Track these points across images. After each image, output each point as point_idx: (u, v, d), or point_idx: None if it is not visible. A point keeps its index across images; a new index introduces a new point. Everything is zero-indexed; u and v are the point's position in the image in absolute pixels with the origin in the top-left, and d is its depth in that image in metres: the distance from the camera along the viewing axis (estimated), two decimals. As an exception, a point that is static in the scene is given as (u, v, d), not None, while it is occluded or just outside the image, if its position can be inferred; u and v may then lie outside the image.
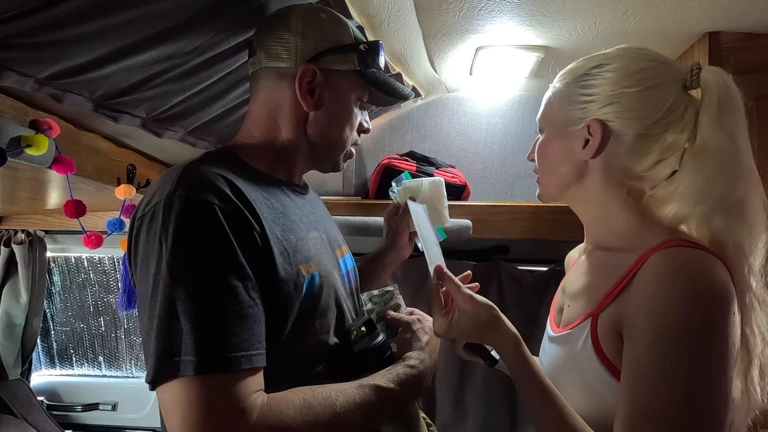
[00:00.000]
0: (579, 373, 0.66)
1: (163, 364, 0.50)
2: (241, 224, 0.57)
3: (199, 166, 0.59)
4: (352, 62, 0.72)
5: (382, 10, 0.94)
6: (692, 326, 0.54)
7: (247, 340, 0.53)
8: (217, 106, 0.98)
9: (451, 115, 1.54)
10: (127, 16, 0.62)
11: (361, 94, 0.76)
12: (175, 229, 0.53)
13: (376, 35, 1.03)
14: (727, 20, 0.99)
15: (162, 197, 0.55)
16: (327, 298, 0.68)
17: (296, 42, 0.70)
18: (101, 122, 0.92)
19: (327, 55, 0.70)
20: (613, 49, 0.69)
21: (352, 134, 0.77)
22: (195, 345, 0.50)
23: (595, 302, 0.67)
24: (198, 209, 0.54)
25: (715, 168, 0.63)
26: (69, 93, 0.76)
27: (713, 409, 0.53)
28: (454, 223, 1.24)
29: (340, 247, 0.82)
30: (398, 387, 0.64)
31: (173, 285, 0.52)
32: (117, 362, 1.84)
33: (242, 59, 0.84)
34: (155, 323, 0.52)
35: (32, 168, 0.82)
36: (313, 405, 0.56)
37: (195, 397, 0.49)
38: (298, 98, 0.70)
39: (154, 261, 0.54)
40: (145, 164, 1.21)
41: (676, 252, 0.60)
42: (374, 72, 0.75)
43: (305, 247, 0.67)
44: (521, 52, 1.18)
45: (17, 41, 0.60)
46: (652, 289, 0.58)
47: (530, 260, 1.52)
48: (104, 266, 1.82)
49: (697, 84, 0.65)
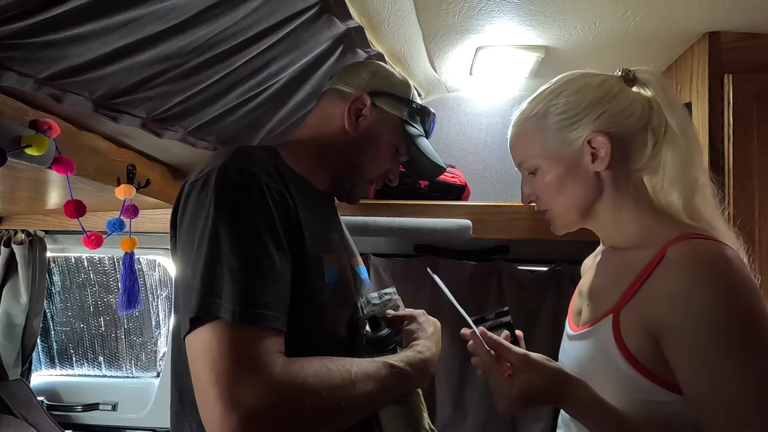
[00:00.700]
0: (602, 368, 0.67)
1: (207, 302, 0.54)
2: (283, 202, 0.64)
3: (251, 149, 0.68)
4: (402, 112, 0.83)
5: (382, 10, 0.94)
6: (740, 316, 0.56)
7: (278, 302, 0.58)
8: (217, 106, 0.98)
9: (451, 115, 1.54)
10: (127, 16, 0.62)
11: (399, 145, 0.84)
12: (227, 193, 0.60)
13: (376, 35, 1.03)
14: (727, 20, 0.99)
15: (215, 166, 0.62)
16: (343, 292, 0.74)
17: (365, 77, 0.83)
18: (101, 122, 0.92)
19: (384, 96, 0.82)
20: (558, 79, 0.75)
21: (375, 171, 0.84)
22: (235, 294, 0.55)
23: (615, 299, 0.68)
24: (249, 180, 0.61)
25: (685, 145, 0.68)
26: (69, 93, 0.76)
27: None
28: (454, 223, 1.24)
29: (356, 256, 0.87)
30: (407, 367, 0.68)
31: (222, 238, 0.57)
32: (117, 362, 1.84)
33: (242, 59, 0.84)
34: (200, 268, 0.56)
35: (32, 168, 0.82)
36: (330, 368, 0.59)
37: (227, 344, 0.53)
38: (345, 116, 0.79)
39: (203, 218, 0.59)
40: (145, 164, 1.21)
41: (695, 244, 0.62)
42: (417, 131, 0.84)
43: (329, 240, 0.74)
44: (521, 52, 1.18)
45: (17, 41, 0.60)
46: (682, 287, 0.59)
47: (530, 260, 1.52)
48: (104, 266, 1.82)
49: (634, 81, 0.72)
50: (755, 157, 0.99)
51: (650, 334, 0.62)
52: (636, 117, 0.69)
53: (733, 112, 0.99)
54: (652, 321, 0.62)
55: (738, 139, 0.99)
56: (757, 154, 0.99)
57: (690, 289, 0.59)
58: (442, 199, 1.33)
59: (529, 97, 0.77)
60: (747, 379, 0.54)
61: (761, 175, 0.99)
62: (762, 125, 0.99)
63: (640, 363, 0.62)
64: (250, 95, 0.99)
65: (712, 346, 0.56)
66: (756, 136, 0.99)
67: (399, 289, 0.90)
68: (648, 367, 0.62)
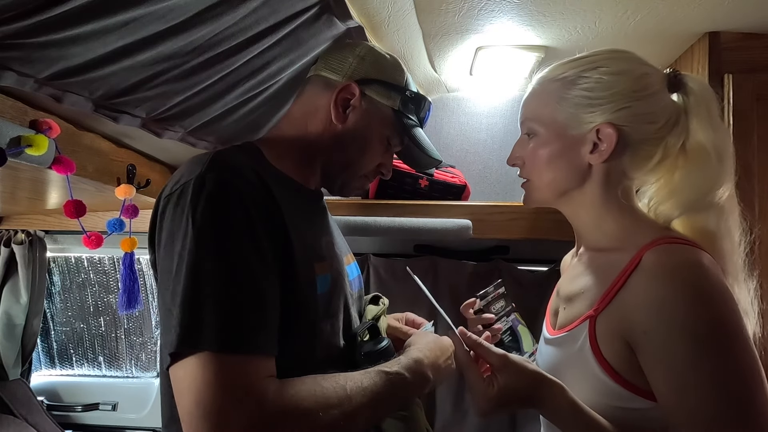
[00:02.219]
0: (577, 374, 0.66)
1: (186, 335, 0.51)
2: (266, 212, 0.59)
3: (229, 155, 0.63)
4: (394, 101, 0.76)
5: (382, 10, 0.94)
6: (711, 325, 0.55)
7: (264, 326, 0.55)
8: (217, 106, 0.98)
9: (451, 115, 1.54)
10: (127, 16, 0.62)
11: (391, 136, 0.78)
12: (205, 208, 0.55)
13: (376, 35, 1.03)
14: (727, 20, 0.99)
15: (191, 177, 0.57)
16: (338, 300, 0.69)
17: (353, 62, 0.75)
18: (101, 122, 0.92)
19: (374, 84, 0.74)
20: (604, 51, 0.69)
21: (367, 165, 0.78)
22: (217, 322, 0.51)
23: (591, 304, 0.66)
24: (227, 191, 0.56)
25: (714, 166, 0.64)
26: (69, 93, 0.76)
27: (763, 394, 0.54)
28: (454, 224, 1.24)
29: (346, 255, 0.83)
30: (403, 371, 0.64)
31: (200, 261, 0.53)
32: (117, 362, 1.84)
33: (242, 59, 0.84)
34: (179, 297, 0.52)
35: (32, 168, 0.82)
36: (324, 386, 0.56)
37: (213, 375, 0.49)
38: (331, 108, 0.73)
39: (180, 237, 0.55)
40: (145, 164, 1.21)
41: (671, 250, 0.60)
42: (411, 122, 0.78)
43: (320, 247, 0.69)
44: (521, 52, 1.18)
45: (17, 41, 0.60)
46: (656, 294, 0.58)
47: (530, 260, 1.51)
48: (104, 266, 1.82)
49: (679, 87, 0.67)
50: (755, 157, 0.99)
51: (625, 341, 0.61)
52: (657, 126, 0.65)
53: (733, 112, 0.99)
54: (626, 328, 0.61)
55: (738, 139, 0.99)
56: (757, 154, 0.99)
57: (663, 297, 0.58)
58: (442, 199, 1.33)
59: (564, 59, 0.71)
60: (716, 387, 0.54)
61: (761, 175, 0.99)
62: (762, 125, 0.99)
63: (615, 370, 0.61)
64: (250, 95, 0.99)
65: (683, 354, 0.56)
66: (756, 136, 0.99)
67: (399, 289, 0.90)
68: (623, 374, 0.61)
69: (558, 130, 0.69)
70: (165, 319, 0.55)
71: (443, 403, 1.48)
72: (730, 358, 0.55)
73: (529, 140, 0.72)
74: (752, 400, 0.53)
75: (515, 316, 0.90)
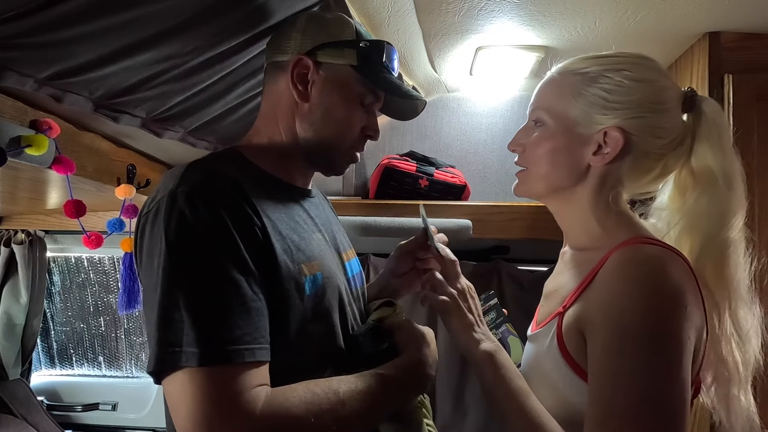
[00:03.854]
0: (545, 370, 0.66)
1: (165, 354, 0.51)
2: (242, 219, 0.58)
3: (202, 165, 0.61)
4: (350, 57, 0.70)
5: (382, 10, 0.94)
6: (644, 322, 0.55)
7: (250, 333, 0.54)
8: (217, 106, 0.98)
9: (451, 115, 1.54)
10: (127, 16, 0.62)
11: (363, 94, 0.72)
12: (177, 223, 0.54)
13: (376, 35, 1.03)
14: (727, 20, 0.99)
15: (165, 193, 0.57)
16: (330, 299, 0.67)
17: (297, 36, 0.70)
18: (101, 122, 0.92)
19: (324, 48, 0.69)
20: (630, 55, 0.68)
21: (350, 134, 0.73)
22: (197, 337, 0.51)
23: (562, 301, 0.67)
24: (199, 204, 0.55)
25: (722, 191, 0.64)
26: (69, 93, 0.76)
27: (673, 401, 0.53)
28: (454, 223, 1.24)
29: (346, 251, 0.81)
30: (399, 373, 0.64)
31: (175, 277, 0.53)
32: (117, 362, 1.84)
33: (242, 59, 0.84)
34: (156, 314, 0.52)
35: (32, 168, 0.82)
36: (317, 393, 0.55)
37: (198, 389, 0.50)
38: (290, 88, 0.69)
39: (157, 254, 0.55)
40: (145, 164, 1.21)
41: (636, 249, 0.61)
42: (376, 71, 0.72)
43: (308, 246, 0.67)
44: (521, 52, 1.18)
45: (17, 41, 0.60)
46: (608, 287, 0.59)
47: (530, 260, 1.52)
48: (104, 266, 1.82)
49: (691, 108, 0.67)
50: (755, 157, 0.99)
51: (581, 333, 0.62)
52: (663, 142, 0.65)
53: (733, 112, 0.99)
54: (583, 322, 0.61)
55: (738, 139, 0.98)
56: (757, 154, 0.99)
57: (613, 290, 0.58)
58: (442, 199, 1.33)
59: (589, 54, 0.69)
60: (633, 385, 0.53)
61: (761, 175, 0.99)
62: (762, 125, 0.99)
63: (577, 364, 0.62)
64: (250, 95, 0.99)
65: (611, 345, 0.56)
66: (756, 136, 0.99)
67: None
68: (583, 368, 0.61)
69: (567, 124, 0.68)
70: (150, 337, 0.55)
71: (443, 403, 1.48)
72: (652, 361, 0.54)
73: (535, 128, 0.71)
74: (660, 404, 0.53)
75: (506, 327, 0.90)
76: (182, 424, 0.50)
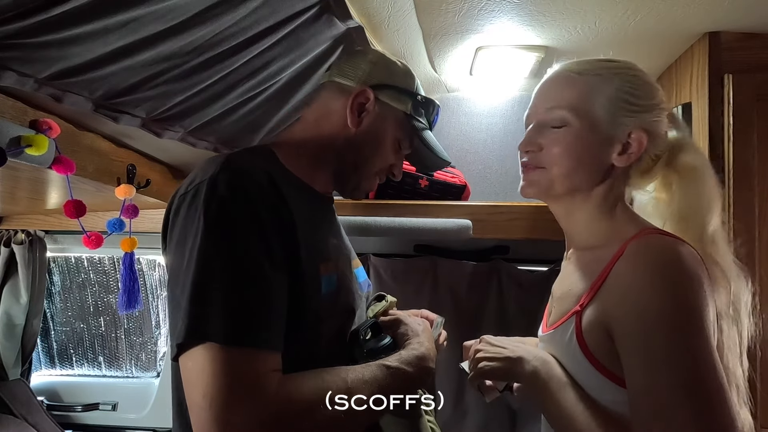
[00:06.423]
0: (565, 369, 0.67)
1: (195, 326, 0.53)
2: (276, 213, 0.61)
3: (241, 157, 0.66)
4: (406, 105, 0.79)
5: (382, 10, 0.94)
6: (675, 309, 0.56)
7: (271, 322, 0.56)
8: (217, 106, 0.98)
9: (451, 115, 1.54)
10: (127, 16, 0.62)
11: (402, 138, 0.81)
12: (216, 208, 0.57)
13: (376, 35, 1.03)
14: (727, 20, 0.99)
15: (205, 178, 0.59)
16: (344, 300, 0.71)
17: (366, 68, 0.79)
18: (101, 122, 0.92)
19: (387, 89, 0.78)
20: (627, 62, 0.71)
21: (378, 166, 0.81)
22: (226, 316, 0.53)
23: (578, 299, 0.68)
24: (240, 192, 0.59)
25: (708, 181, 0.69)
26: (69, 93, 0.76)
27: (717, 379, 0.54)
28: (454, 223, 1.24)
29: (354, 259, 0.86)
30: (403, 365, 0.67)
31: (210, 257, 0.55)
32: (117, 362, 1.84)
33: (242, 59, 0.84)
34: (188, 291, 0.54)
35: (32, 168, 0.82)
36: (326, 379, 0.59)
37: (219, 367, 0.51)
38: (347, 112, 0.76)
39: (192, 235, 0.57)
40: (145, 164, 1.21)
41: (650, 240, 0.62)
42: (421, 125, 0.81)
43: (326, 248, 0.71)
44: (521, 52, 1.18)
45: (17, 41, 0.60)
46: (630, 280, 0.60)
47: (530, 260, 1.51)
48: (104, 266, 1.82)
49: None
50: (755, 157, 0.99)
51: (605, 330, 0.62)
52: (665, 143, 0.71)
53: (733, 112, 0.99)
54: (606, 316, 0.62)
55: (738, 139, 0.99)
56: (757, 154, 0.99)
57: (636, 282, 0.59)
58: (442, 199, 1.33)
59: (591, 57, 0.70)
60: (676, 373, 0.54)
61: (761, 175, 0.99)
62: (762, 125, 0.99)
63: (600, 362, 0.63)
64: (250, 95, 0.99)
65: (646, 335, 0.57)
66: (756, 136, 0.99)
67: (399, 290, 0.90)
68: (607, 366, 0.62)
69: (594, 123, 0.67)
70: (174, 313, 0.58)
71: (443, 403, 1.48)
72: (689, 345, 0.55)
73: (551, 129, 0.69)
74: (706, 389, 0.54)
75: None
76: (197, 401, 0.51)
